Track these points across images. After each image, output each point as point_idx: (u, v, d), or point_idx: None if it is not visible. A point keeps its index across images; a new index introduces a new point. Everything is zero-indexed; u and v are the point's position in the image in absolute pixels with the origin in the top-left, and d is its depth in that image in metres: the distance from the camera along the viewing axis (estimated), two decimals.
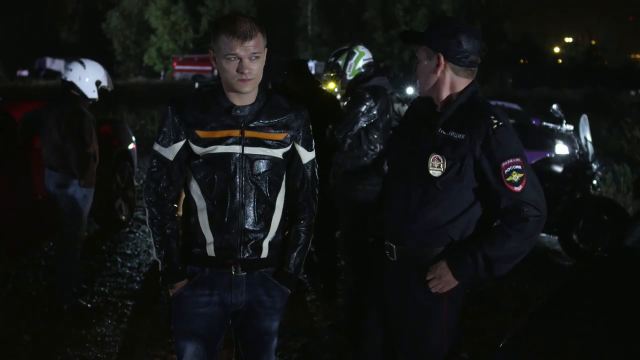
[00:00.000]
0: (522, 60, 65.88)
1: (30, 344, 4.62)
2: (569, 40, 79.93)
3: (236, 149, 2.61)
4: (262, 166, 2.65)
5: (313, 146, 2.82)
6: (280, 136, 2.68)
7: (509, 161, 2.49)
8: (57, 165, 5.06)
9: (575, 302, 2.98)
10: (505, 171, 2.49)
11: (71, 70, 5.14)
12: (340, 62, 5.08)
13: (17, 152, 6.01)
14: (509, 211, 2.52)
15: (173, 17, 54.93)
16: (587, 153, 6.95)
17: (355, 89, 4.89)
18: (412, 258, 2.66)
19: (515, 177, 2.49)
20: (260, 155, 2.64)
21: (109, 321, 5.04)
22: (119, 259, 6.57)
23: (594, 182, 7.07)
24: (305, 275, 6.05)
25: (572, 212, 6.80)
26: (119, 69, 54.72)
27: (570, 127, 7.12)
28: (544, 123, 7.62)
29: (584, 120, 7.10)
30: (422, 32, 2.67)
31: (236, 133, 2.62)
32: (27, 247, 6.48)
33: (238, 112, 2.63)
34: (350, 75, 5.03)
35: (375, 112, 4.78)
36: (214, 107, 2.64)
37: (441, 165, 2.53)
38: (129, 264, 6.45)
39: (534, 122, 11.76)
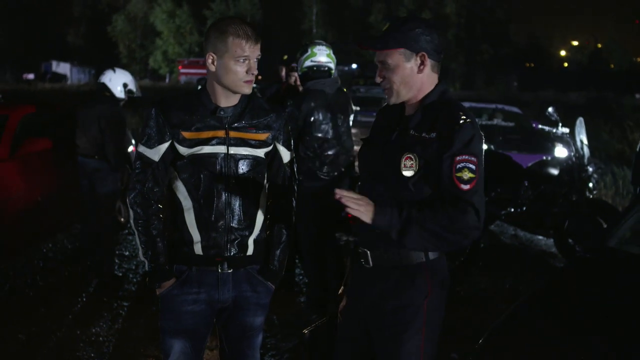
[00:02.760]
0: (528, 64, 65.85)
1: (26, 343, 4.66)
2: (575, 43, 79.80)
3: (221, 149, 2.68)
4: (246, 166, 2.72)
5: (292, 146, 2.89)
6: (263, 136, 2.75)
7: (464, 157, 2.39)
8: (94, 153, 5.97)
9: (553, 302, 3.01)
10: (458, 165, 2.38)
11: (104, 74, 6.28)
12: (297, 56, 5.06)
13: (17, 153, 6.05)
14: (451, 199, 2.39)
15: (178, 21, 55.15)
16: (583, 156, 6.97)
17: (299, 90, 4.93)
18: (389, 262, 2.56)
19: (466, 174, 2.38)
20: (244, 155, 2.71)
21: (104, 321, 5.08)
22: (116, 260, 6.61)
23: (590, 184, 7.09)
24: (301, 277, 6.09)
25: (567, 215, 6.82)
26: None
27: (566, 130, 7.14)
28: (539, 126, 7.64)
29: (580, 123, 7.11)
30: (391, 34, 2.53)
31: (221, 134, 2.68)
32: (26, 249, 6.52)
33: (222, 113, 2.70)
34: (299, 71, 5.01)
35: (299, 116, 4.77)
36: (198, 108, 2.70)
37: (413, 164, 2.44)
38: (126, 265, 6.51)
39: (534, 125, 11.77)
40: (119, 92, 6.21)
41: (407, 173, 2.45)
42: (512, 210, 7.20)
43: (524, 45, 67.16)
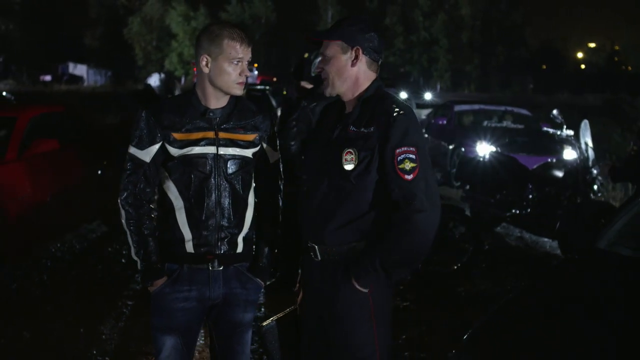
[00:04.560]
0: (543, 66, 65.60)
1: (30, 341, 4.75)
2: (592, 45, 79.23)
3: (211, 149, 2.75)
4: (235, 165, 2.79)
5: (278, 146, 2.97)
6: (251, 137, 2.82)
7: (403, 148, 2.52)
8: None
9: (537, 301, 3.04)
10: (399, 158, 2.51)
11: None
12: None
13: (25, 154, 6.16)
14: (399, 207, 2.52)
15: (194, 23, 55.43)
16: (587, 158, 6.97)
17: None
18: (336, 255, 2.67)
19: (408, 165, 2.51)
20: (233, 155, 2.78)
21: (108, 320, 5.16)
22: (122, 260, 6.71)
23: (595, 186, 7.09)
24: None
25: (572, 217, 6.82)
26: (140, 74, 55.31)
27: (571, 132, 7.14)
28: (544, 128, 7.65)
29: (584, 125, 7.12)
30: (333, 28, 2.73)
31: (211, 134, 2.75)
32: (34, 248, 6.62)
33: (211, 114, 2.77)
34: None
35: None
36: (188, 110, 2.78)
37: (354, 158, 2.58)
38: (132, 265, 6.58)
39: (544, 127, 11.75)
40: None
41: (348, 167, 2.60)
42: (517, 212, 7.21)
43: (539, 48, 66.89)
